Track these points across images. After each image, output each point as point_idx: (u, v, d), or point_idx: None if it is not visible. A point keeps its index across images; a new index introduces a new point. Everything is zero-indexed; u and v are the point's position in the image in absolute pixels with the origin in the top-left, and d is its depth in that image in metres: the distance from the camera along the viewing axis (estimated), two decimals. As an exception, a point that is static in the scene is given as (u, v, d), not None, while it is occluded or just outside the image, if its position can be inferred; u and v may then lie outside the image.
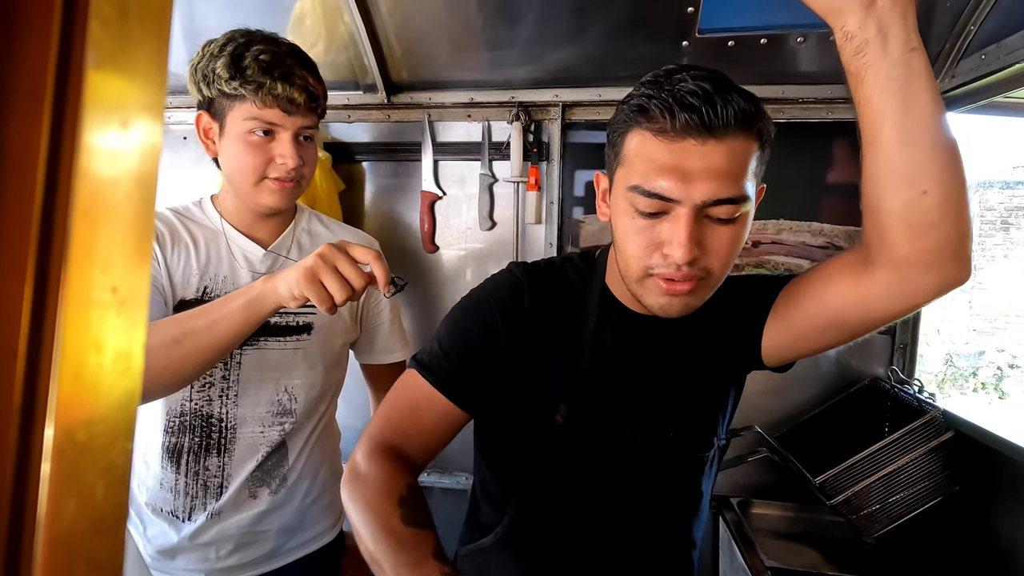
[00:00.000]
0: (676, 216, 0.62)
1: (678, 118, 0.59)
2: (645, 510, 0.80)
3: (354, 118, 1.55)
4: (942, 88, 1.31)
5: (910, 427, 1.17)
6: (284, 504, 1.02)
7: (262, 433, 0.98)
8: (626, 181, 0.64)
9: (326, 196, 1.47)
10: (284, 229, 1.02)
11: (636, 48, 1.34)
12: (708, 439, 0.80)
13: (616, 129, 0.67)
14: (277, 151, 0.90)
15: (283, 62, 0.88)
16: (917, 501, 1.18)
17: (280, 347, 0.98)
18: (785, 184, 1.42)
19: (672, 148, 0.60)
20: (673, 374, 0.78)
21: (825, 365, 1.45)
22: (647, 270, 0.65)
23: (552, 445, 0.76)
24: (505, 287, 0.78)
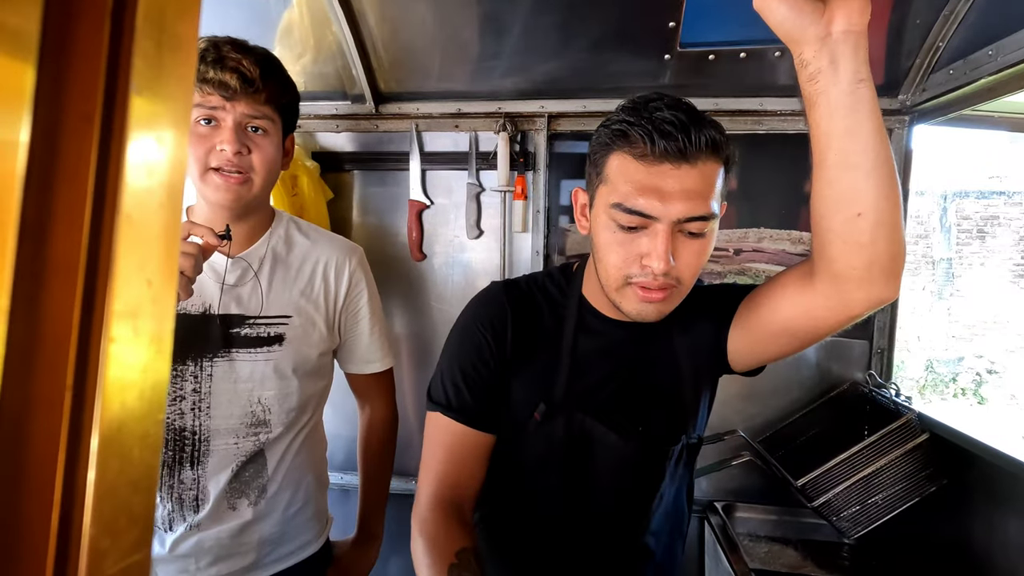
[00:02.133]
0: (654, 231, 0.69)
1: (657, 144, 0.66)
2: (610, 494, 0.86)
3: (342, 128, 1.56)
4: (913, 101, 1.36)
5: (887, 429, 1.20)
6: (265, 516, 1.00)
7: (236, 444, 0.96)
8: (608, 198, 0.71)
9: (314, 205, 1.48)
10: (258, 238, 1.00)
11: (619, 61, 1.38)
12: (676, 434, 0.86)
13: (598, 150, 0.74)
14: (217, 138, 0.88)
15: (219, 49, 0.88)
16: (895, 502, 1.21)
17: (251, 359, 0.96)
18: (765, 194, 1.46)
19: (651, 171, 0.67)
20: (643, 374, 0.84)
21: (805, 370, 1.48)
22: (626, 279, 0.72)
23: (529, 442, 0.83)
24: (489, 313, 0.84)
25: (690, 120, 0.66)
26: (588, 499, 0.85)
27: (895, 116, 1.40)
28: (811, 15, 0.56)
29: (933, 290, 7.19)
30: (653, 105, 0.68)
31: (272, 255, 1.01)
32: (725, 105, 1.42)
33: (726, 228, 1.47)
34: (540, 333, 0.83)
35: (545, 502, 0.86)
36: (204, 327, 0.94)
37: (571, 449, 0.82)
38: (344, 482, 1.57)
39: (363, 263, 1.11)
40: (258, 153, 0.91)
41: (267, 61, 0.93)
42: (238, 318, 0.96)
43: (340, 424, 1.52)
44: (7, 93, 0.15)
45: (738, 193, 1.47)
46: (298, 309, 1.00)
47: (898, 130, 1.40)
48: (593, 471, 0.84)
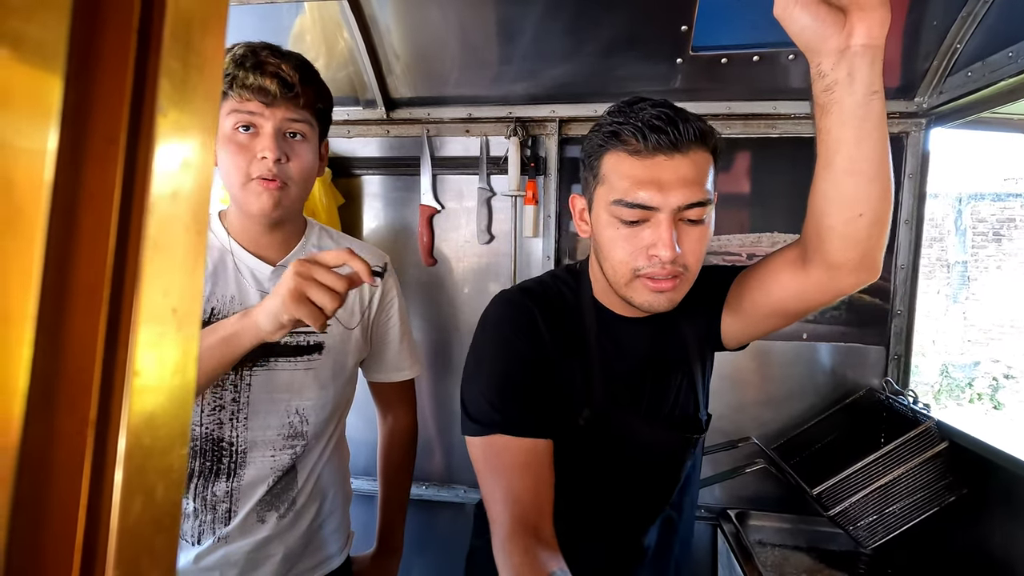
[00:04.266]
0: (657, 221, 0.71)
1: (649, 138, 0.69)
2: (646, 483, 0.89)
3: (353, 133, 1.57)
4: (930, 104, 1.34)
5: (905, 438, 1.18)
6: (291, 528, 0.98)
7: (273, 457, 0.95)
8: (608, 196, 0.73)
9: (325, 211, 1.48)
10: (294, 245, 0.99)
11: (631, 65, 1.37)
12: (697, 420, 0.90)
13: (592, 154, 0.76)
14: (258, 146, 0.87)
15: (257, 54, 0.87)
16: (914, 511, 1.19)
17: (291, 368, 0.94)
18: (779, 198, 1.45)
19: (646, 164, 0.71)
20: (664, 366, 0.87)
21: (820, 376, 1.46)
22: (634, 272, 0.74)
23: (572, 449, 0.83)
24: (517, 312, 0.83)
25: (676, 115, 0.70)
26: (627, 490, 0.89)
27: (912, 119, 1.38)
28: (832, 26, 0.57)
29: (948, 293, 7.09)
30: (638, 106, 0.72)
31: None
32: (738, 109, 1.41)
33: (739, 233, 1.46)
34: (566, 335, 0.84)
35: (592, 504, 0.89)
36: None
37: (615, 448, 0.86)
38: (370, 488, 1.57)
39: (393, 272, 1.11)
40: (296, 161, 0.90)
41: (305, 66, 0.92)
42: None
43: (366, 429, 1.51)
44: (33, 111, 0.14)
45: (751, 198, 1.46)
46: (336, 318, 0.98)
47: (915, 133, 1.38)
48: (633, 465, 0.87)
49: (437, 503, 1.55)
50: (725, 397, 1.49)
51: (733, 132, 1.43)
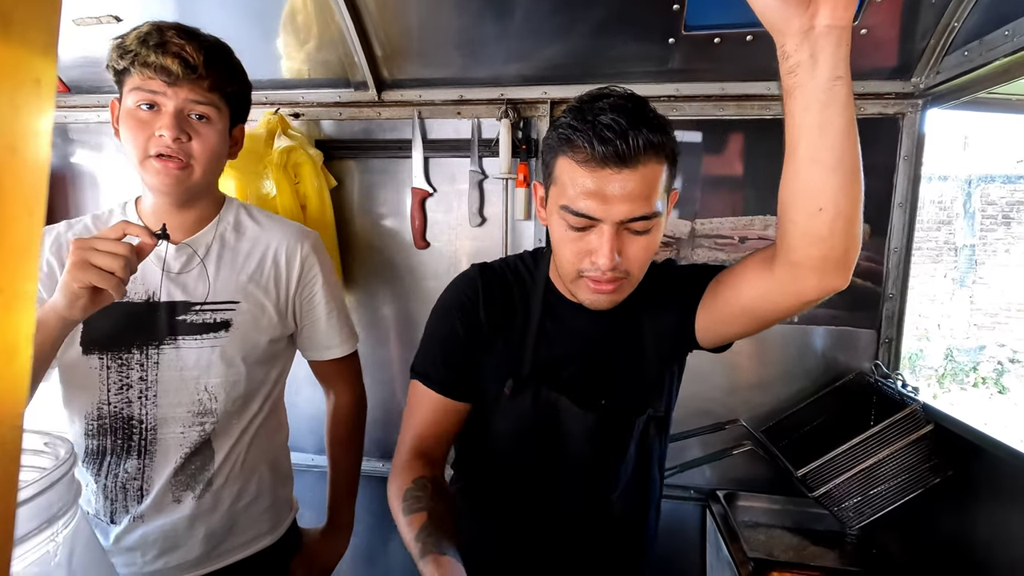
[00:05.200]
0: (600, 231, 0.73)
1: (597, 150, 0.69)
2: (577, 462, 0.90)
3: (345, 115, 1.56)
4: (927, 84, 1.32)
5: (890, 420, 1.18)
6: (211, 510, 0.98)
7: (182, 434, 0.95)
8: (558, 199, 0.75)
9: (317, 194, 1.49)
10: (206, 225, 0.98)
11: (623, 46, 1.35)
12: (640, 407, 0.90)
13: (548, 152, 0.78)
14: (158, 124, 0.86)
15: (162, 33, 0.86)
16: (898, 493, 1.20)
17: (197, 345, 0.95)
18: (773, 181, 1.42)
19: (593, 176, 0.71)
20: (606, 352, 0.89)
21: (810, 360, 1.46)
22: (579, 272, 0.78)
23: (499, 416, 0.89)
24: (463, 292, 0.90)
25: (630, 124, 0.68)
26: (556, 466, 0.90)
27: (908, 100, 1.36)
28: (796, 6, 0.56)
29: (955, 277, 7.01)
30: (598, 106, 0.71)
31: (220, 241, 0.99)
32: (732, 90, 1.39)
33: (731, 216, 1.45)
34: (510, 312, 0.89)
35: (516, 469, 0.92)
36: (148, 315, 0.94)
37: (538, 421, 0.88)
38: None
39: (317, 248, 1.08)
40: (199, 141, 0.90)
41: (214, 48, 0.91)
42: (183, 305, 0.95)
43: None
44: None
45: (744, 180, 1.45)
46: (246, 295, 0.99)
47: (910, 114, 1.36)
48: (560, 440, 0.89)
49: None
50: (715, 380, 1.50)
51: (726, 113, 1.41)
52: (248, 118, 1.03)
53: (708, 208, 1.46)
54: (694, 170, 1.46)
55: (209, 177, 0.94)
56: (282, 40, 1.46)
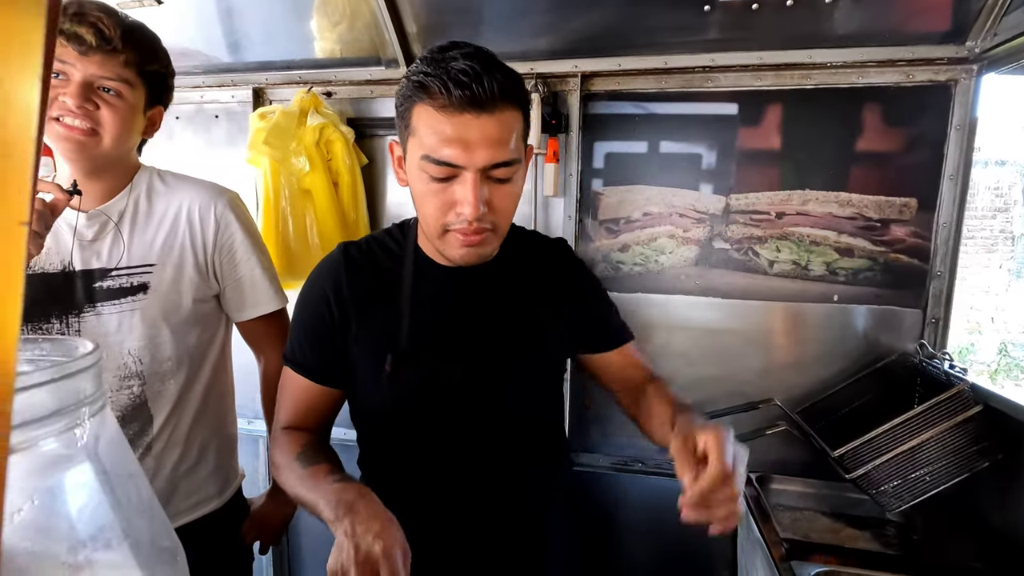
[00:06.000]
0: (464, 179, 0.72)
1: (454, 94, 0.68)
2: (477, 430, 0.88)
3: (376, 93, 1.57)
4: (983, 48, 1.24)
5: (935, 400, 1.13)
6: (153, 473, 0.99)
7: (110, 398, 0.95)
8: (418, 151, 0.73)
9: (348, 171, 1.51)
10: (119, 192, 0.99)
11: (656, 15, 1.32)
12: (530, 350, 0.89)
13: (403, 103, 0.75)
14: (62, 90, 0.86)
15: (81, 5, 0.87)
16: (942, 477, 1.14)
17: (117, 310, 0.96)
18: (812, 153, 1.38)
19: (452, 121, 0.70)
20: (481, 311, 0.87)
21: (851, 340, 1.41)
22: (444, 227, 0.76)
23: (385, 396, 0.85)
24: (324, 271, 0.88)
25: (484, 69, 0.69)
26: (452, 435, 0.88)
27: (961, 65, 1.28)
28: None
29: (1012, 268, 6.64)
30: (450, 55, 0.70)
31: (133, 206, 1.00)
32: (770, 59, 1.34)
33: (767, 191, 1.40)
34: (380, 288, 0.86)
35: (412, 446, 0.89)
36: (65, 283, 0.94)
37: (425, 392, 0.86)
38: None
39: (234, 205, 1.06)
40: (108, 110, 0.90)
41: (135, 27, 0.92)
42: (100, 272, 0.96)
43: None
44: None
45: (782, 153, 1.40)
46: (162, 256, 0.99)
47: (964, 80, 1.29)
48: (451, 407, 0.86)
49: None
50: (749, 360, 1.46)
51: (763, 84, 1.36)
52: (170, 104, 1.03)
53: (743, 183, 1.42)
54: (729, 143, 1.42)
55: (118, 148, 0.94)
56: (315, 21, 1.48)
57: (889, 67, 1.30)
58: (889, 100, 1.32)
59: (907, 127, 1.33)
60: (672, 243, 1.47)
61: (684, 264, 1.47)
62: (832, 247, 1.39)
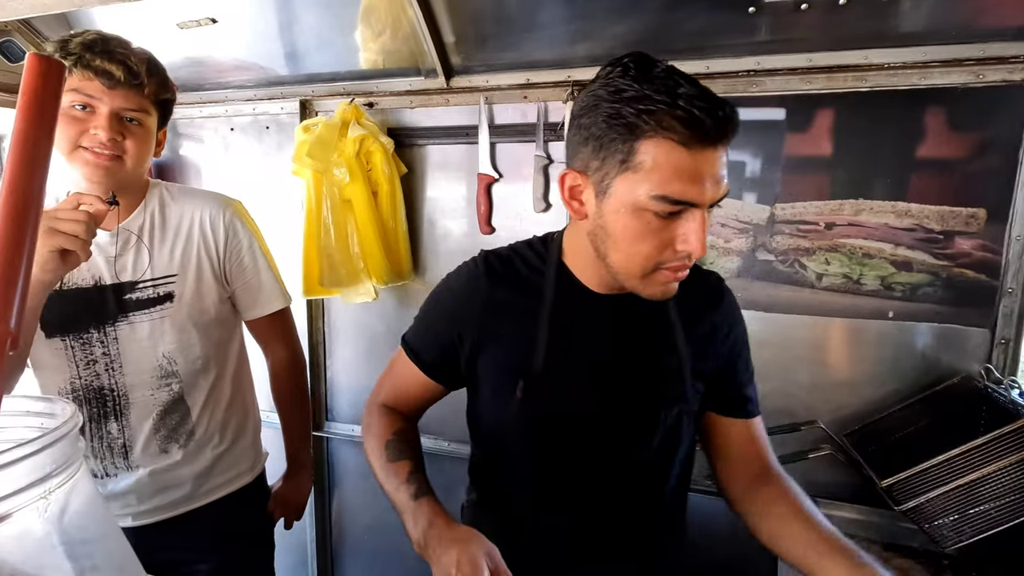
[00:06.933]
0: (692, 216, 0.68)
1: (699, 129, 0.63)
2: (605, 469, 0.86)
3: (415, 103, 1.60)
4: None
5: (1001, 431, 1.04)
6: (196, 455, 1.12)
7: (152, 395, 1.07)
8: (643, 187, 0.67)
9: (388, 181, 1.54)
10: (135, 209, 1.06)
11: (697, 18, 1.27)
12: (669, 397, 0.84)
13: (623, 133, 0.67)
14: (92, 123, 0.94)
15: (107, 42, 0.94)
16: (1007, 514, 1.05)
17: (148, 319, 1.05)
18: (866, 160, 1.29)
19: (695, 157, 0.65)
20: (626, 345, 0.83)
21: (907, 359, 1.32)
22: (658, 265, 0.72)
23: (513, 419, 0.84)
24: (462, 280, 0.88)
25: (716, 99, 0.65)
26: (576, 473, 0.86)
27: (1040, 63, 1.16)
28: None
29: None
30: (671, 82, 0.65)
31: (151, 221, 1.08)
32: (820, 61, 1.27)
33: (816, 200, 1.33)
34: (517, 303, 0.83)
35: (531, 474, 0.87)
36: (98, 297, 1.03)
37: (556, 427, 0.83)
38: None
39: (240, 213, 1.16)
40: (132, 139, 0.98)
41: (152, 61, 1.00)
42: (128, 285, 1.04)
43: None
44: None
45: (833, 160, 1.32)
46: (183, 266, 1.08)
47: (1043, 80, 1.17)
48: (581, 448, 0.84)
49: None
50: (795, 376, 1.39)
51: (813, 88, 1.29)
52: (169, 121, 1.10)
53: (790, 191, 1.35)
54: (775, 150, 1.35)
55: (138, 170, 1.03)
56: (360, 33, 1.52)
57: (955, 67, 1.20)
58: (955, 102, 1.22)
59: (975, 131, 1.22)
60: (713, 254, 1.42)
61: (725, 276, 1.39)
62: (888, 260, 1.30)
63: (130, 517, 1.10)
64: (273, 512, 1.29)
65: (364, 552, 1.91)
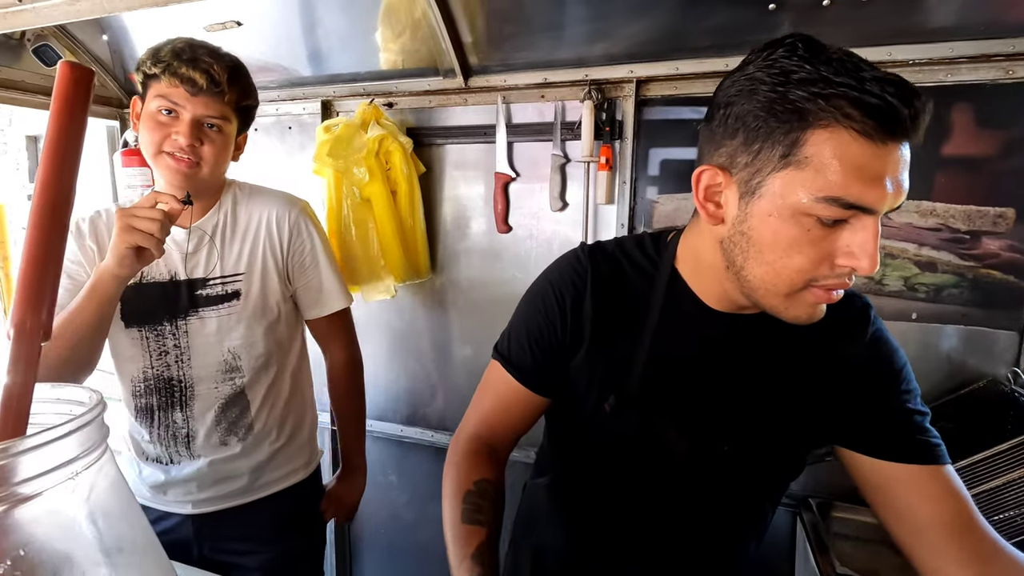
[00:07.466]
0: (863, 225, 0.55)
1: (899, 121, 0.52)
2: (686, 515, 0.79)
3: (434, 103, 1.61)
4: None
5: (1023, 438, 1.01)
6: (254, 448, 1.15)
7: (215, 388, 1.10)
8: (812, 188, 0.55)
9: (406, 180, 1.56)
10: (210, 209, 1.11)
11: (716, 15, 1.26)
12: (771, 460, 0.75)
13: (786, 120, 0.55)
14: (175, 128, 0.98)
15: (195, 51, 0.98)
16: (1032, 523, 1.03)
17: (216, 315, 1.08)
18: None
19: (879, 153, 0.53)
20: (741, 379, 0.72)
21: (932, 361, 1.29)
22: (809, 282, 0.59)
23: (597, 431, 0.77)
24: (566, 275, 0.77)
25: (904, 82, 0.53)
26: (654, 502, 0.78)
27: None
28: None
29: None
30: (852, 63, 0.54)
31: (224, 220, 1.11)
32: (842, 57, 1.24)
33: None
34: (623, 309, 0.74)
35: (611, 482, 0.80)
36: (173, 291, 1.07)
37: (642, 451, 0.75)
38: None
39: (306, 213, 1.18)
40: (210, 145, 1.02)
41: (236, 68, 1.03)
42: (200, 281, 1.08)
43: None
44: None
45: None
46: (250, 265, 1.11)
47: (1077, 75, 1.13)
48: (663, 479, 0.76)
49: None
50: (813, 379, 1.37)
51: (835, 84, 1.27)
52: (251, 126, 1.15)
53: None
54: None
55: (216, 174, 1.06)
56: (380, 34, 1.54)
57: (984, 63, 1.17)
58: (983, 99, 1.19)
59: (1005, 129, 1.19)
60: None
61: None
62: (911, 260, 1.27)
63: (190, 504, 1.14)
64: (325, 511, 1.32)
65: (381, 546, 1.94)
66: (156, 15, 1.59)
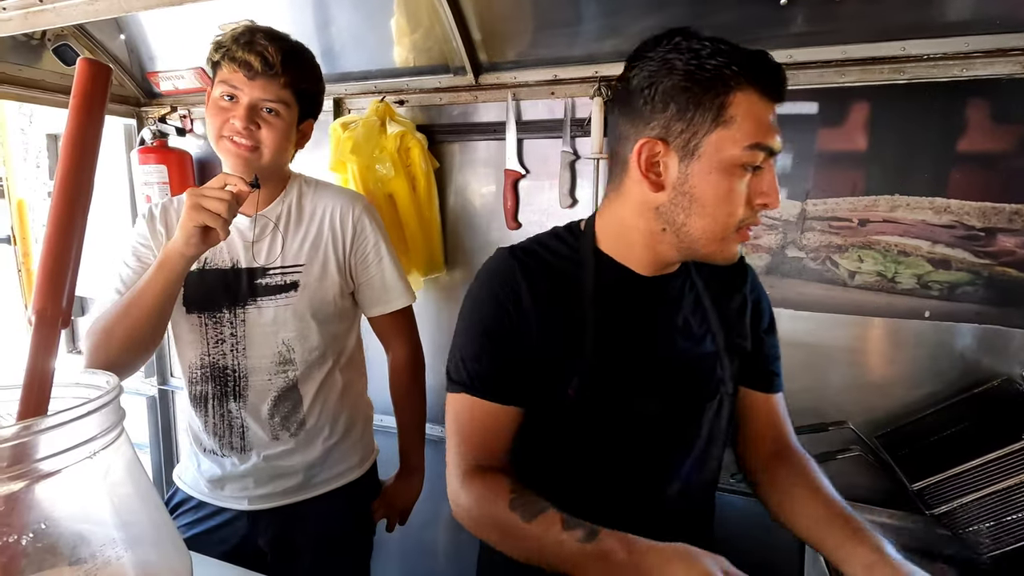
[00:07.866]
0: (769, 168, 0.71)
1: (776, 80, 0.69)
2: (646, 456, 0.83)
3: (445, 100, 1.62)
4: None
5: (1041, 437, 1.00)
6: (307, 444, 1.14)
7: (269, 380, 1.10)
8: (739, 140, 0.68)
9: (424, 175, 1.58)
10: (275, 198, 1.12)
11: (725, 11, 1.26)
12: (713, 386, 0.84)
13: (711, 87, 0.68)
14: (233, 113, 1.00)
15: (252, 35, 0.99)
16: (1047, 523, 1.02)
17: (273, 305, 1.08)
18: (902, 155, 1.26)
19: (772, 109, 0.70)
20: (674, 331, 0.82)
21: (946, 360, 1.27)
22: (739, 224, 0.72)
23: (569, 417, 0.79)
24: (497, 278, 0.79)
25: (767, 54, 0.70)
26: (623, 463, 0.82)
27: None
28: None
29: None
30: (727, 42, 0.69)
31: (287, 211, 1.12)
32: (855, 53, 1.23)
33: (849, 195, 1.30)
34: (558, 291, 0.78)
35: (580, 470, 0.82)
36: (234, 279, 1.08)
37: (616, 422, 0.79)
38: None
39: (368, 210, 1.18)
40: (268, 129, 1.02)
41: (293, 51, 1.03)
42: (260, 270, 1.09)
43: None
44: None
45: (868, 155, 1.28)
46: (310, 257, 1.11)
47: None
48: (632, 438, 0.81)
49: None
50: (825, 375, 1.36)
51: (847, 80, 1.25)
52: (318, 115, 1.14)
53: (822, 187, 1.32)
54: (807, 145, 1.32)
55: (277, 160, 1.06)
56: (392, 32, 1.55)
57: (1000, 57, 1.15)
58: (999, 94, 1.17)
59: (1021, 124, 1.17)
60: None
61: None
62: (925, 258, 1.26)
63: (246, 500, 1.14)
64: (377, 510, 1.28)
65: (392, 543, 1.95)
66: (172, 14, 1.62)
